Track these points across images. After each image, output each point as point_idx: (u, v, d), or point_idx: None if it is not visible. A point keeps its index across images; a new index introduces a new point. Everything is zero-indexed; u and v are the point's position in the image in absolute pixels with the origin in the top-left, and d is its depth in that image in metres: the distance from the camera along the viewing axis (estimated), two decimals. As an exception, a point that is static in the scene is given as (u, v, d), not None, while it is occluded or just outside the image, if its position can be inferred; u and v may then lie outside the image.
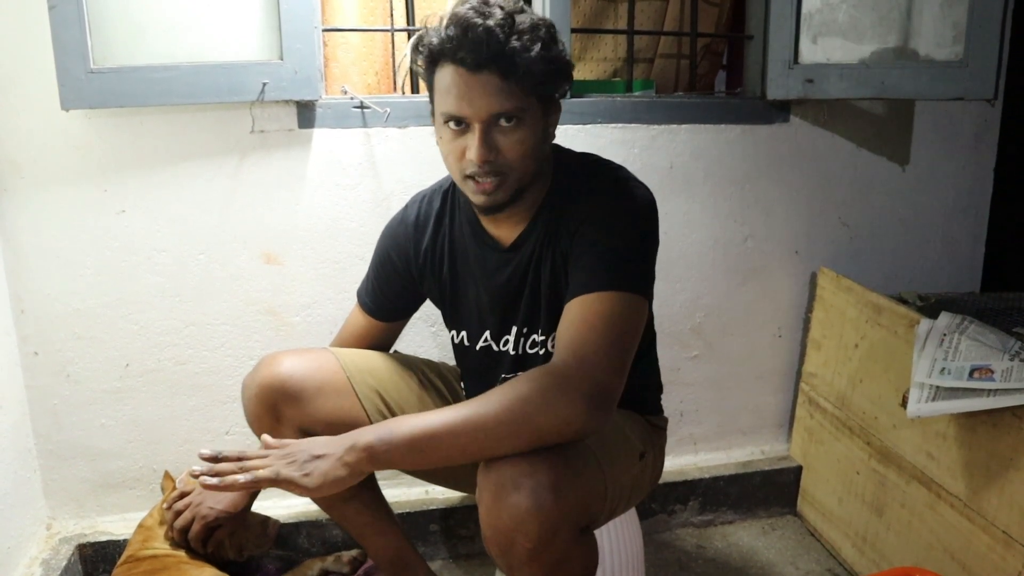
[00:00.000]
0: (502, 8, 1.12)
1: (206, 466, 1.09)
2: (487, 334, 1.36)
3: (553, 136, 1.25)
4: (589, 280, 1.14)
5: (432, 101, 1.20)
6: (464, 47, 1.10)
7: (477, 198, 1.19)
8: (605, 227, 1.17)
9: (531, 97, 1.15)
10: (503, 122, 1.13)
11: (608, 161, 1.29)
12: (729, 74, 2.48)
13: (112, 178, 1.59)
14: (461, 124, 1.14)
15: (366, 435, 1.07)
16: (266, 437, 1.14)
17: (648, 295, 1.18)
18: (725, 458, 2.00)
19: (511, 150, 1.15)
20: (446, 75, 1.13)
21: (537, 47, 1.11)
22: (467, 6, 1.12)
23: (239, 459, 1.09)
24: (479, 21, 1.09)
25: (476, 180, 1.16)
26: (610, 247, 1.15)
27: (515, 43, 1.10)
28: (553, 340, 1.29)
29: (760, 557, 1.81)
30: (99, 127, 1.56)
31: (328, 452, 1.07)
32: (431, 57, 1.16)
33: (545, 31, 1.14)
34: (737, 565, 1.78)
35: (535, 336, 1.31)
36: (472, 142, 1.13)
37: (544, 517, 1.01)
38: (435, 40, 1.13)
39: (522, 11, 1.14)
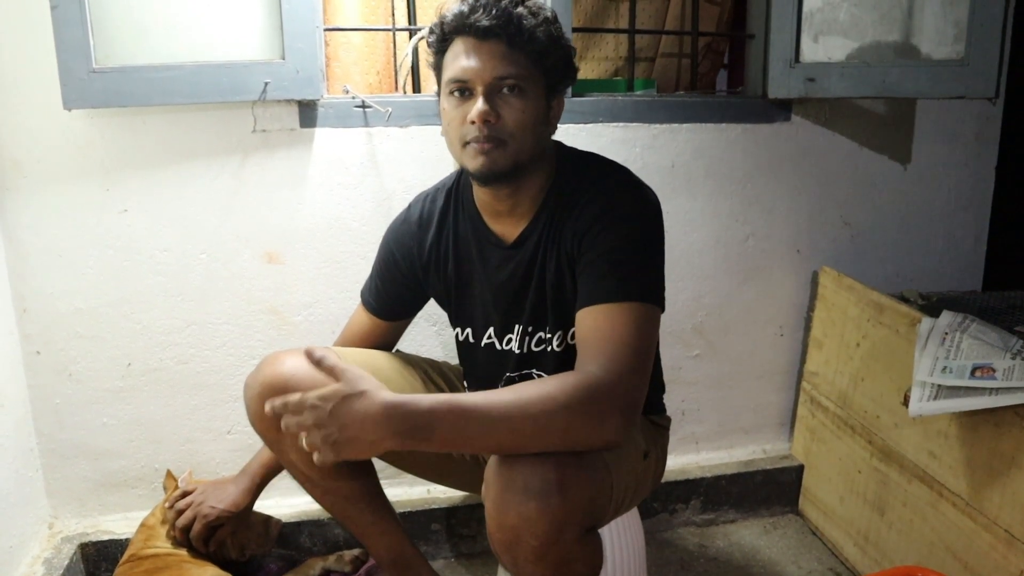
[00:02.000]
0: None
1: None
2: (491, 331, 1.36)
3: (555, 128, 1.27)
4: (612, 289, 1.14)
5: (440, 86, 1.23)
6: (475, 12, 1.15)
7: (476, 162, 1.19)
8: (620, 233, 1.17)
9: (535, 72, 1.19)
10: (506, 90, 1.17)
11: (612, 161, 1.29)
12: (730, 73, 2.48)
13: (114, 177, 1.59)
14: (465, 92, 1.18)
15: (401, 433, 1.01)
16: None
17: (664, 305, 1.19)
18: (727, 457, 2.00)
19: (512, 117, 1.17)
20: (455, 47, 1.19)
21: (542, 16, 1.19)
22: None
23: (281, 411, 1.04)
24: None
25: (475, 143, 1.18)
26: (627, 255, 1.16)
27: (521, 10, 1.16)
28: (559, 338, 1.30)
29: (762, 556, 1.81)
30: (101, 127, 1.57)
31: (358, 438, 1.00)
32: (443, 36, 1.20)
33: (551, 12, 1.21)
34: (739, 564, 1.78)
35: (541, 334, 1.32)
36: (475, 104, 1.16)
37: (551, 516, 1.02)
38: (448, 17, 1.18)
39: None
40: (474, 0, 1.16)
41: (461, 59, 1.17)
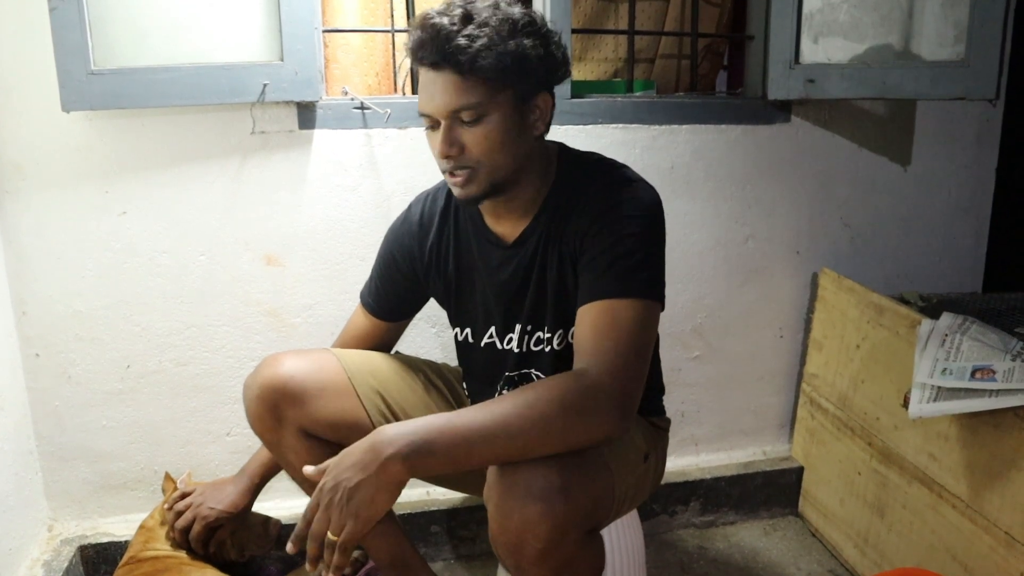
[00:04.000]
0: (463, 6, 1.13)
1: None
2: (491, 331, 1.36)
3: (541, 130, 1.23)
4: (611, 285, 1.14)
5: None
6: (422, 46, 1.13)
7: (456, 191, 1.21)
8: (620, 230, 1.17)
9: (496, 91, 1.14)
10: (464, 118, 1.15)
11: (613, 160, 1.29)
12: (730, 74, 2.47)
13: (113, 180, 1.59)
14: (434, 124, 1.17)
15: (401, 452, 1.01)
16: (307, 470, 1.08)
17: (663, 301, 1.19)
18: (726, 459, 2.00)
19: (475, 146, 1.16)
20: (420, 76, 1.17)
21: (481, 42, 1.10)
22: (435, 7, 1.15)
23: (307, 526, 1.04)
24: (432, 20, 1.12)
25: (450, 174, 1.19)
26: (628, 251, 1.16)
27: (460, 40, 1.10)
28: (559, 337, 1.30)
29: (762, 558, 1.80)
30: (100, 129, 1.57)
31: (364, 479, 1.01)
32: (413, 64, 1.19)
33: (509, 26, 1.13)
34: (739, 566, 1.78)
35: (540, 333, 1.32)
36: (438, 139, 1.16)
37: (554, 518, 1.02)
38: (409, 43, 1.16)
39: (496, 7, 1.14)
40: (421, 33, 1.13)
41: (422, 92, 1.16)
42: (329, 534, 1.03)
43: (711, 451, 2.00)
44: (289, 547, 1.05)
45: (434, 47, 1.11)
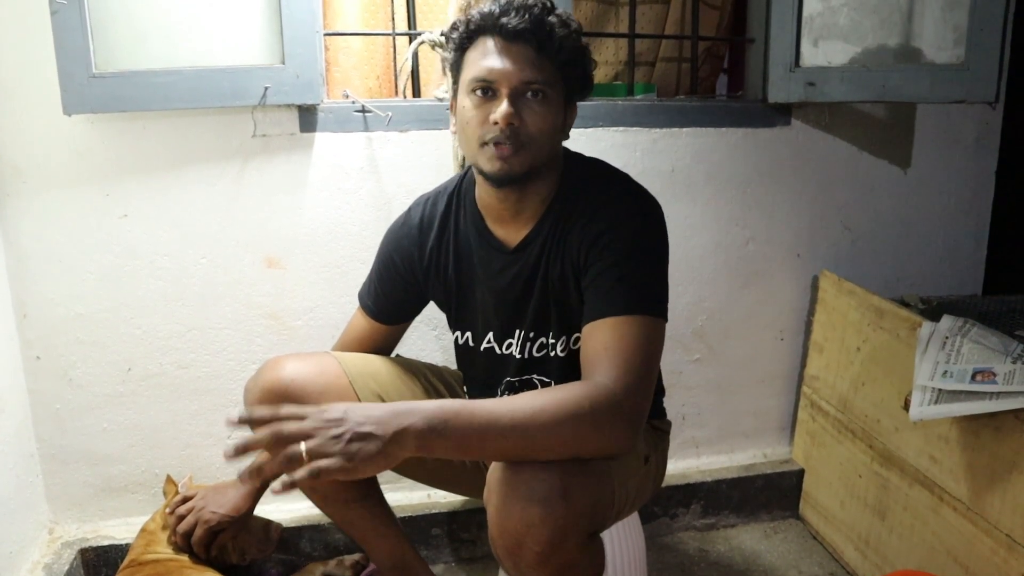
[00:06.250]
0: None
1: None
2: (490, 335, 1.36)
3: (567, 136, 1.28)
4: (618, 303, 1.14)
5: (456, 83, 1.23)
6: (507, 14, 1.16)
7: (493, 164, 1.19)
8: (625, 246, 1.18)
9: (559, 80, 1.20)
10: (530, 95, 1.17)
11: (616, 170, 1.30)
12: (730, 77, 2.47)
13: (114, 182, 1.59)
14: (488, 92, 1.18)
15: (417, 425, 0.99)
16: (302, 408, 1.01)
17: (667, 316, 1.20)
18: (727, 461, 2.00)
19: (534, 123, 1.17)
20: (480, 46, 1.19)
21: (572, 27, 1.20)
22: None
23: (272, 419, 0.99)
24: None
25: (495, 145, 1.17)
26: (633, 269, 1.17)
27: (553, 18, 1.17)
28: (563, 344, 1.30)
29: (762, 560, 1.80)
30: (101, 132, 1.57)
31: (375, 433, 0.97)
32: (467, 34, 1.20)
33: (578, 24, 1.23)
34: (740, 568, 1.78)
35: (543, 339, 1.32)
36: (499, 106, 1.16)
37: (554, 522, 1.02)
38: (476, 15, 1.18)
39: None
40: (506, 2, 1.17)
41: (489, 58, 1.17)
42: (303, 448, 0.96)
43: (712, 453, 2.00)
44: (227, 420, 1.01)
45: (525, 15, 1.15)
